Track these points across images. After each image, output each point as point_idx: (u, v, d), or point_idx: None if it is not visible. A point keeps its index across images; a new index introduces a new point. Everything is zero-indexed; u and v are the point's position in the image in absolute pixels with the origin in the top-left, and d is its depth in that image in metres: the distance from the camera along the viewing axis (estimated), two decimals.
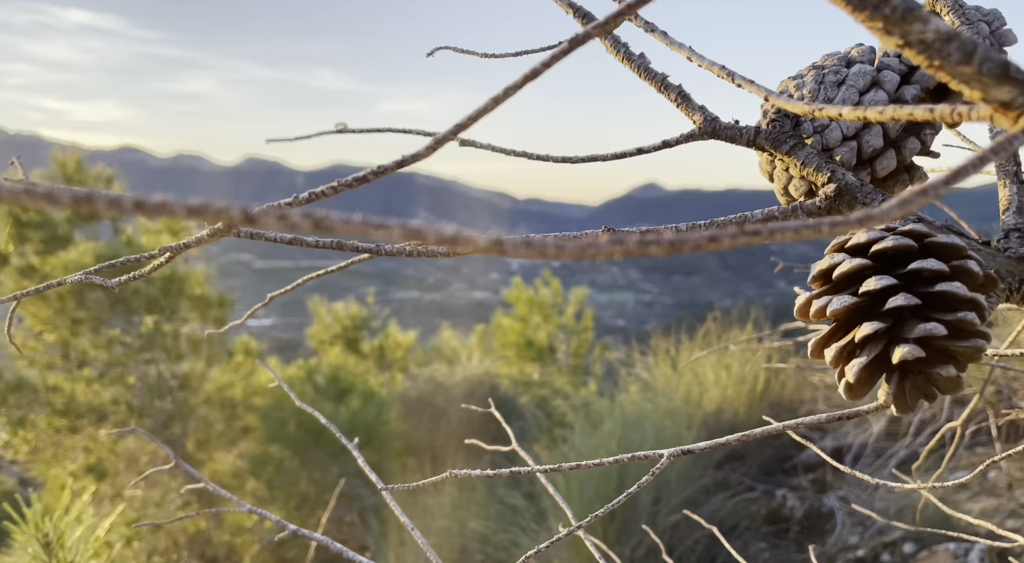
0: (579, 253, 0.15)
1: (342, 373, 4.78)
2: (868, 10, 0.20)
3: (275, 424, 4.50)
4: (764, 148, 0.46)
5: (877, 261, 0.44)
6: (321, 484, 4.74)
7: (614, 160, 0.49)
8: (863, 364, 0.44)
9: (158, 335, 5.00)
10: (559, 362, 6.14)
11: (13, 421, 4.72)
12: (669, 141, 0.47)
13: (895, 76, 0.48)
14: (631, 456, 0.60)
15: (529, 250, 0.15)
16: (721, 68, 0.35)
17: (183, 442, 5.59)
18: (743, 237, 0.15)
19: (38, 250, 5.35)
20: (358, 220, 0.18)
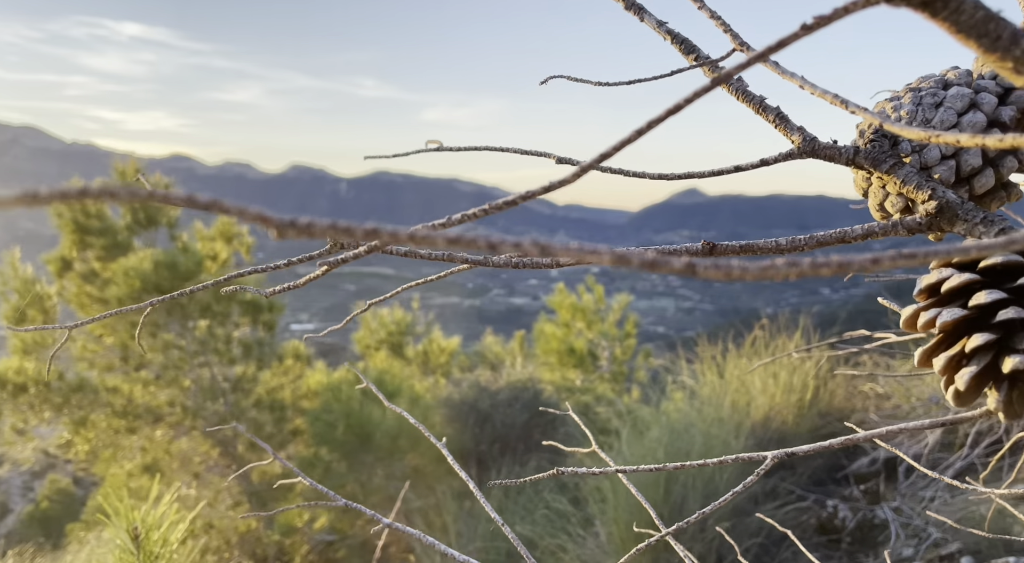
0: (760, 274, 0.18)
1: (388, 377, 4.86)
2: (999, 51, 0.23)
3: (324, 427, 4.59)
4: (863, 167, 0.48)
5: (986, 276, 0.46)
6: (367, 486, 4.82)
7: (712, 177, 0.52)
8: (973, 374, 0.46)
9: (211, 339, 5.15)
10: (601, 368, 6.13)
11: (75, 421, 4.91)
12: (767, 159, 0.49)
13: (992, 98, 0.49)
14: (735, 457, 0.63)
15: (717, 272, 0.18)
16: (835, 96, 0.38)
17: (234, 444, 5.74)
18: (902, 260, 0.17)
19: (99, 256, 5.56)
20: (527, 243, 0.22)
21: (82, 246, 5.59)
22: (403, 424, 4.41)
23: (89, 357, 5.66)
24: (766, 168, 0.51)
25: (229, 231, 6.14)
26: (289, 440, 5.57)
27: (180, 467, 5.94)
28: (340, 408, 4.58)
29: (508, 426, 4.51)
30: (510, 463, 4.24)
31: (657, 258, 0.18)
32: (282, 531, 4.57)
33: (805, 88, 0.39)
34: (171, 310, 4.96)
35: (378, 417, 4.46)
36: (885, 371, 3.85)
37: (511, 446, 4.53)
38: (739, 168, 0.51)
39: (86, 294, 5.59)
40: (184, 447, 5.98)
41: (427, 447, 4.51)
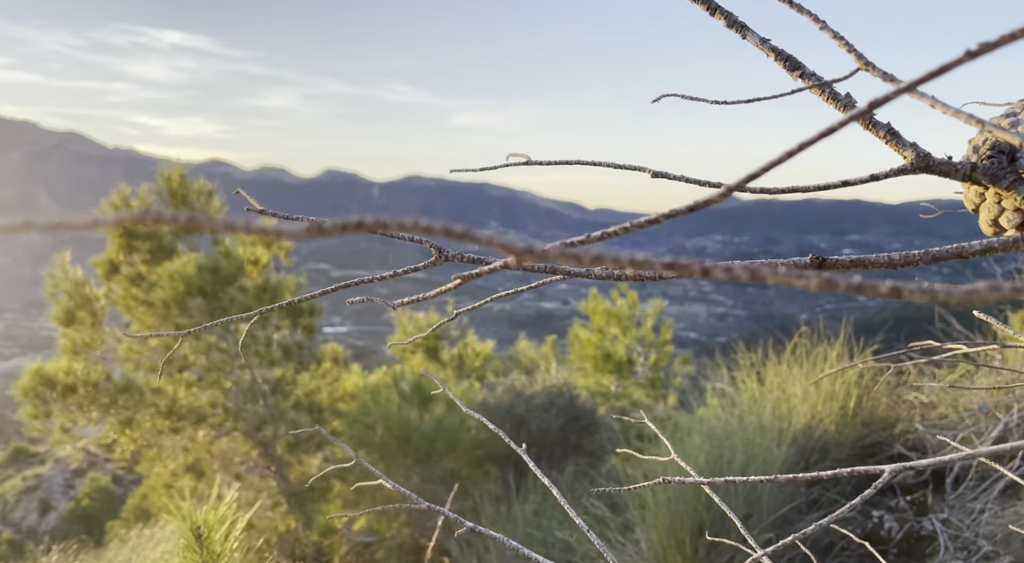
0: (964, 298, 0.19)
1: (425, 380, 4.91)
2: None
3: (362, 429, 4.65)
4: (980, 182, 0.48)
5: None
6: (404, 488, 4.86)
7: (816, 192, 0.53)
8: None
9: (252, 341, 5.24)
10: (637, 374, 6.11)
11: (122, 421, 5.04)
12: (878, 175, 0.50)
13: None
14: (850, 470, 0.63)
15: (922, 296, 0.19)
16: (969, 116, 0.39)
17: (274, 445, 5.84)
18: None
19: (145, 259, 5.70)
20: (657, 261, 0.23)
21: (129, 250, 5.74)
22: (440, 428, 4.45)
23: (135, 358, 5.80)
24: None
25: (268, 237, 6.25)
26: (327, 442, 5.64)
27: (220, 467, 6.05)
28: (378, 411, 4.63)
29: (544, 431, 4.52)
30: (546, 468, 4.24)
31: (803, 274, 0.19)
32: (321, 532, 4.64)
33: (936, 107, 0.40)
34: (214, 313, 5.07)
35: (416, 420, 4.50)
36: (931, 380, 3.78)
37: (547, 451, 4.53)
38: (847, 183, 0.52)
39: (132, 296, 5.73)
40: (224, 447, 6.10)
41: (463, 451, 4.54)
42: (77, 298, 5.49)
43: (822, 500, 2.97)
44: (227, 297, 5.08)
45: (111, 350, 5.93)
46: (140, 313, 5.77)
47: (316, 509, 5.06)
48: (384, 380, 5.15)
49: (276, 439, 5.61)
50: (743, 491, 2.75)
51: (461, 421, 4.55)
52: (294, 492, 5.45)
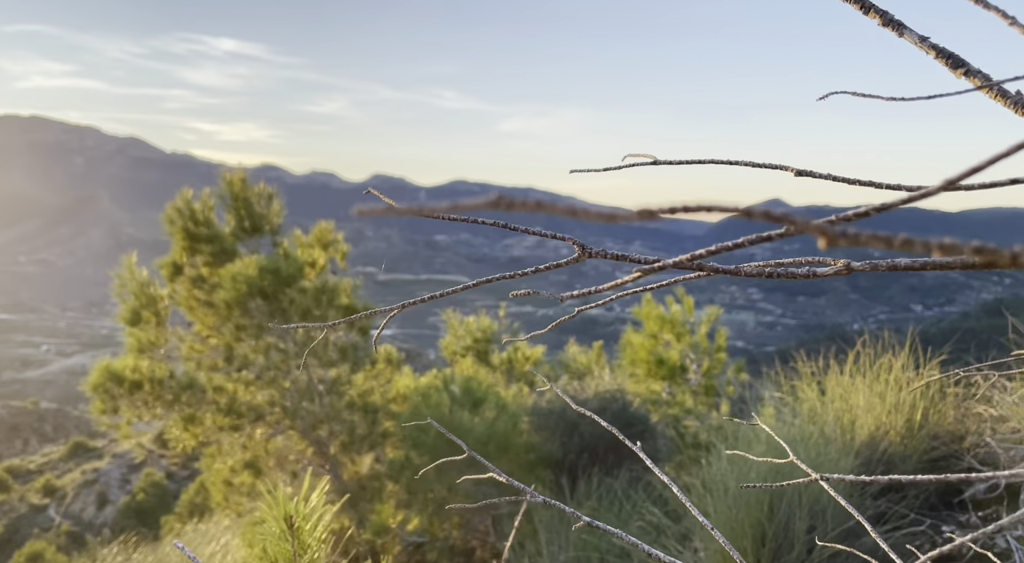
0: None
1: (474, 384, 4.94)
2: None
3: (415, 430, 4.70)
4: None
5: None
6: (455, 490, 4.89)
7: (981, 190, 0.52)
8: None
9: (310, 342, 5.35)
10: (690, 382, 6.04)
11: (185, 417, 5.20)
12: None
13: None
14: (935, 477, 0.62)
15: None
16: None
17: (327, 444, 5.94)
18: None
19: (207, 262, 5.87)
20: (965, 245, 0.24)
21: (191, 252, 5.92)
22: (492, 431, 4.47)
23: (196, 357, 5.98)
24: None
25: (326, 238, 6.39)
26: (379, 442, 5.72)
27: (275, 464, 6.19)
28: (431, 413, 4.68)
29: (596, 436, 4.50)
30: (599, 473, 4.23)
31: None
32: (375, 531, 4.70)
33: None
34: (274, 314, 5.19)
35: (468, 423, 4.53)
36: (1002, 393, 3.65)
37: (599, 457, 4.51)
38: (1016, 180, 0.51)
39: (194, 297, 5.91)
40: (279, 445, 6.23)
41: (515, 454, 4.56)
42: (143, 298, 5.68)
43: (889, 514, 2.90)
44: (287, 298, 5.20)
45: (173, 349, 6.12)
46: (201, 313, 5.95)
47: (369, 508, 5.14)
48: (435, 383, 5.20)
49: (331, 438, 5.71)
50: (808, 500, 2.69)
51: (513, 425, 4.57)
52: (347, 490, 5.54)
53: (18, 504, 35.67)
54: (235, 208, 5.87)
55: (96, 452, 46.00)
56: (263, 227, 5.92)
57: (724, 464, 2.86)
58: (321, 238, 6.38)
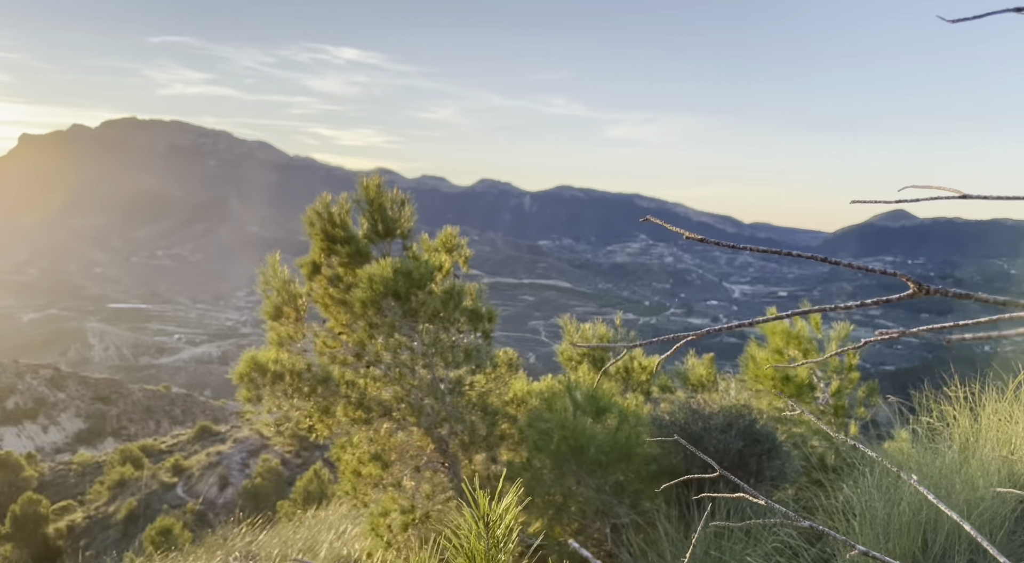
0: None
1: (599, 392, 4.97)
2: None
3: (538, 435, 4.79)
4: None
5: None
6: (572, 496, 4.94)
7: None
8: None
9: (437, 342, 5.55)
10: (818, 400, 5.81)
11: (320, 409, 5.52)
12: None
13: None
14: None
15: None
16: None
17: (447, 442, 6.14)
18: None
19: (342, 262, 6.21)
20: None
21: (329, 252, 6.27)
22: (615, 440, 4.49)
23: (328, 352, 6.33)
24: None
25: (451, 243, 6.61)
26: (497, 443, 5.84)
27: (397, 458, 6.45)
28: (554, 418, 4.75)
29: (722, 452, 4.42)
30: (724, 490, 4.15)
31: None
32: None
33: None
34: (406, 314, 5.43)
35: (592, 430, 4.57)
36: None
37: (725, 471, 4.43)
38: None
39: (329, 296, 6.26)
40: (401, 440, 6.49)
41: (636, 464, 4.55)
42: (284, 295, 6.08)
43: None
44: (417, 300, 5.43)
45: (308, 343, 6.50)
46: (335, 311, 6.29)
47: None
48: (558, 388, 5.27)
49: (451, 436, 5.89)
50: (967, 534, 2.55)
51: (636, 435, 4.56)
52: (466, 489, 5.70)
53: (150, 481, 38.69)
54: (370, 212, 6.17)
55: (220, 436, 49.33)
56: (395, 231, 6.19)
57: (874, 491, 2.75)
58: (446, 242, 6.60)
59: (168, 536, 23.23)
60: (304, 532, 8.40)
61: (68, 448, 70.40)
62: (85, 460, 50.25)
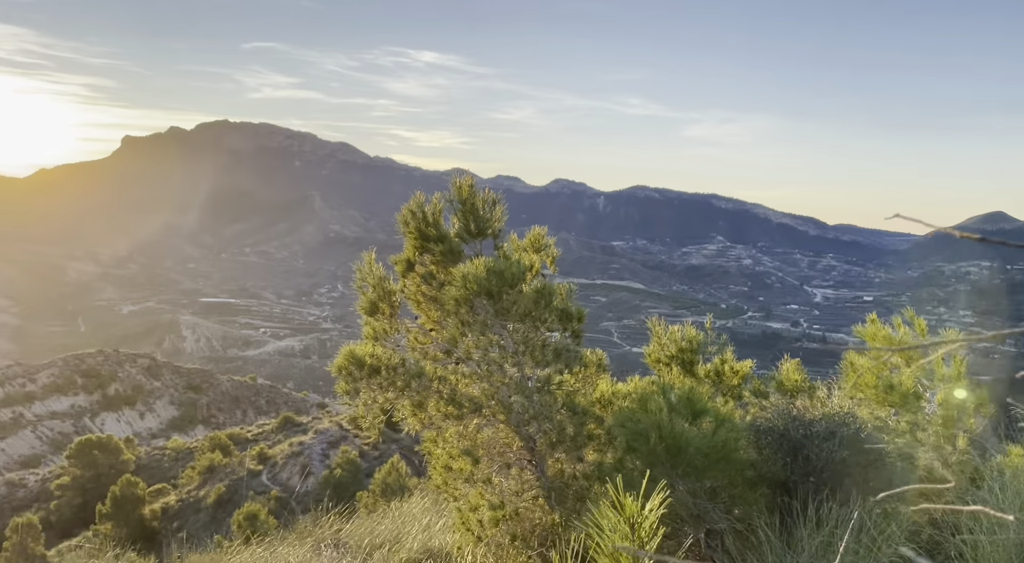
0: None
1: (695, 394, 4.90)
2: None
3: (632, 436, 4.76)
4: None
5: None
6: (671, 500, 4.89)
7: None
8: None
9: (528, 341, 5.60)
10: (924, 410, 5.54)
11: (414, 403, 5.65)
12: None
13: None
14: None
15: None
16: None
17: (535, 440, 6.17)
18: None
19: (435, 260, 6.34)
20: None
21: (422, 250, 6.41)
22: (712, 444, 4.41)
23: (419, 348, 6.47)
24: None
25: (539, 243, 6.65)
26: (585, 443, 5.84)
27: (485, 455, 6.53)
28: (648, 419, 4.71)
29: (824, 460, 4.29)
30: (831, 500, 4.02)
31: None
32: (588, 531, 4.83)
33: None
34: (498, 312, 5.50)
35: (688, 433, 4.51)
36: None
37: (826, 483, 4.29)
38: None
39: (422, 293, 6.40)
40: (489, 437, 6.57)
41: (734, 469, 4.46)
42: (380, 291, 6.26)
43: None
44: (509, 299, 5.49)
45: (400, 339, 6.67)
46: (426, 308, 6.43)
47: (579, 507, 5.27)
48: (651, 389, 5.22)
49: (539, 435, 5.93)
50: None
51: (734, 439, 4.47)
52: (553, 487, 5.72)
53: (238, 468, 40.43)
54: (462, 212, 6.27)
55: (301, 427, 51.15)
56: (486, 230, 6.28)
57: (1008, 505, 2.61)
58: (535, 242, 6.65)
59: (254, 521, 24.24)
60: (388, 523, 8.60)
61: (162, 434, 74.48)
62: (178, 446, 53.04)
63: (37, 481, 44.92)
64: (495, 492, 5.70)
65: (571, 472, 5.99)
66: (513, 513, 5.58)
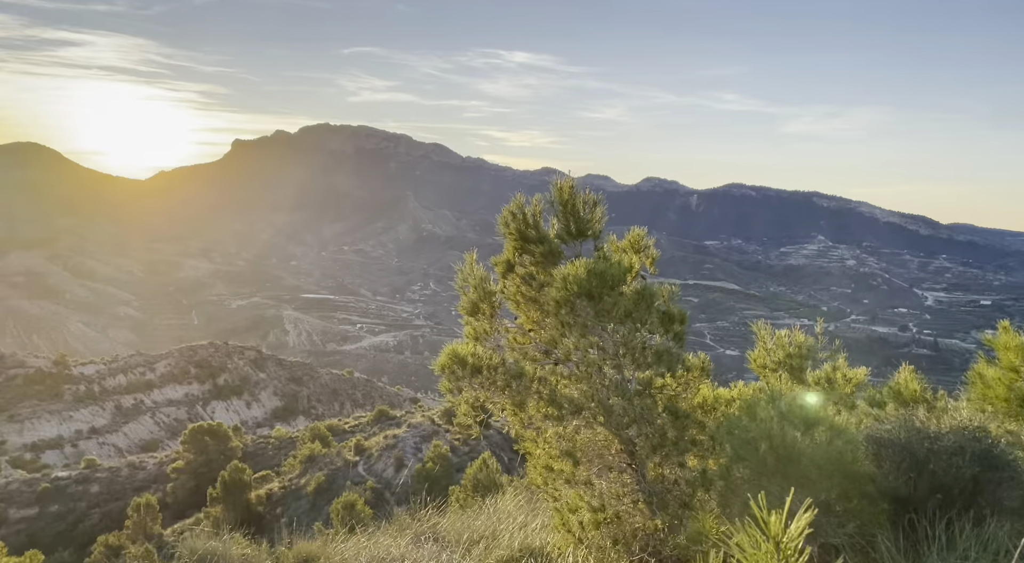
0: None
1: (807, 402, 4.69)
2: None
3: (741, 444, 4.62)
4: None
5: None
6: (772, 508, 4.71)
7: None
8: None
9: (628, 343, 5.53)
10: None
11: (515, 403, 5.70)
12: None
13: None
14: None
15: None
16: None
17: (635, 443, 6.10)
18: None
19: (535, 261, 6.37)
20: None
21: (522, 252, 6.45)
22: (827, 455, 4.22)
23: (518, 348, 6.52)
24: None
25: (639, 244, 6.55)
26: (688, 448, 5.71)
27: (583, 456, 6.51)
28: (757, 428, 4.55)
29: (952, 477, 4.01)
30: (957, 520, 3.77)
31: None
32: (692, 538, 4.72)
33: None
34: (599, 314, 5.46)
35: (800, 443, 4.33)
36: None
37: (954, 501, 4.02)
38: None
39: (521, 293, 6.44)
40: (588, 439, 6.54)
41: (851, 483, 4.24)
42: (481, 292, 6.34)
43: None
44: (610, 301, 5.44)
45: (499, 339, 6.73)
46: (526, 308, 6.46)
47: (682, 513, 5.17)
48: (760, 396, 5.04)
49: (639, 438, 5.85)
50: None
51: (850, 452, 4.26)
52: (654, 492, 5.63)
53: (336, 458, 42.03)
54: (563, 213, 6.26)
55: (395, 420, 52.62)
56: (586, 231, 6.24)
57: None
58: (634, 243, 6.55)
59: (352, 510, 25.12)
60: (484, 519, 8.70)
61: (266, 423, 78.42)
62: (281, 435, 55.67)
63: (155, 464, 48.24)
64: (595, 494, 5.67)
65: (672, 477, 5.88)
66: (614, 516, 5.53)
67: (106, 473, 46.12)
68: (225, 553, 6.71)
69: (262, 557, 7.20)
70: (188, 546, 6.69)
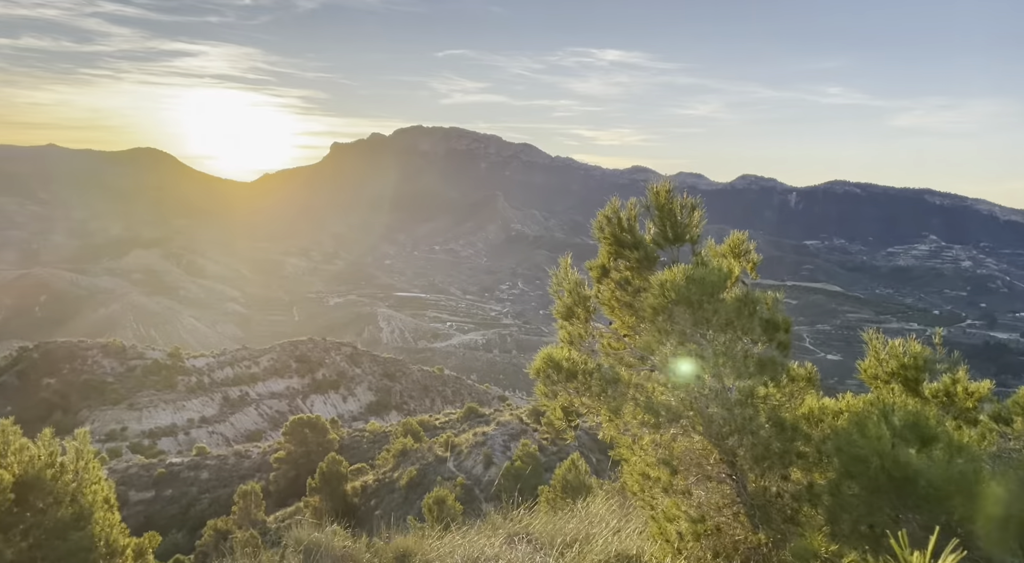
0: None
1: (924, 419, 4.43)
2: None
3: (851, 460, 4.41)
4: None
5: None
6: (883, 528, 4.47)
7: None
8: None
9: (729, 352, 5.38)
10: None
11: (611, 409, 5.66)
12: None
13: None
14: None
15: None
16: None
17: (736, 454, 5.93)
18: None
19: (630, 266, 6.30)
20: None
21: (616, 256, 6.40)
22: (948, 475, 3.96)
23: (613, 353, 6.46)
24: None
25: (739, 248, 6.36)
26: (792, 461, 5.51)
27: (680, 465, 6.38)
28: (869, 445, 4.33)
29: None
30: None
31: None
32: (799, 555, 4.55)
33: None
34: (697, 321, 5.34)
35: (916, 462, 4.09)
36: None
37: None
38: None
39: (615, 298, 6.38)
40: (685, 447, 6.41)
41: (978, 505, 3.97)
42: (575, 296, 6.33)
43: None
44: (710, 308, 5.31)
45: (593, 343, 6.70)
46: (620, 313, 6.40)
47: (787, 528, 4.99)
48: (869, 409, 4.80)
49: (740, 449, 5.68)
50: None
51: (974, 472, 3.99)
52: (756, 505, 5.45)
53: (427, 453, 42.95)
54: (659, 217, 6.16)
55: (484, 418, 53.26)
56: (684, 236, 6.12)
57: None
58: (734, 247, 6.36)
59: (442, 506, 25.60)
60: (575, 523, 8.67)
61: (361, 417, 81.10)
62: (375, 429, 57.43)
63: (259, 453, 50.80)
64: (694, 504, 5.55)
65: (775, 490, 5.68)
66: (714, 528, 5.39)
67: (215, 460, 48.95)
68: (328, 545, 6.99)
69: (361, 550, 7.44)
70: (294, 536, 7.00)
